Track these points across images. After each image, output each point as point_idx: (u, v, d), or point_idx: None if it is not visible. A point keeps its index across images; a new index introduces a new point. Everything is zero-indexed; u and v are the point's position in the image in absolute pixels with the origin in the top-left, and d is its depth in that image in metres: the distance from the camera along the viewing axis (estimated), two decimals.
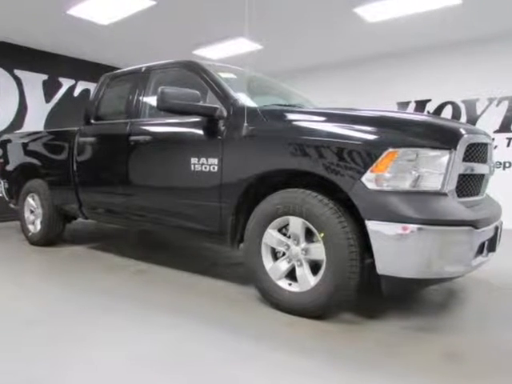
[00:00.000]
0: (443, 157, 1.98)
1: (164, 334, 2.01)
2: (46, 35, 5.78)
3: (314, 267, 2.21)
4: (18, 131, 5.73)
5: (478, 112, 5.89)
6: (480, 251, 2.11)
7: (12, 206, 4.59)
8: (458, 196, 2.09)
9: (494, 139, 3.32)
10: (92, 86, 6.66)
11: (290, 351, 1.86)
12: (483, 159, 2.31)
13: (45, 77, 6.67)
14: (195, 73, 2.93)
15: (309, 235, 2.23)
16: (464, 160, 2.09)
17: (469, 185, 2.21)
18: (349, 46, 6.18)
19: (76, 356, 1.78)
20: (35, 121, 6.53)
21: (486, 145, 2.34)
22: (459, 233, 1.96)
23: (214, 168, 2.57)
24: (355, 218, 2.08)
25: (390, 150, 1.96)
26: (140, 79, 3.35)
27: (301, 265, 2.25)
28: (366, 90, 6.77)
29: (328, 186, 2.17)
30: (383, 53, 6.45)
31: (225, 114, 2.61)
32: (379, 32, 5.44)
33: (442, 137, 2.05)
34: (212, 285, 2.84)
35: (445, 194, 2.00)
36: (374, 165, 1.97)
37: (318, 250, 2.15)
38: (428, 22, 5.03)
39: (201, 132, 2.71)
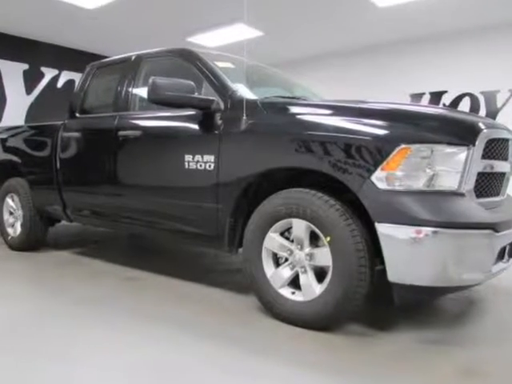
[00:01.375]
0: (460, 154, 1.98)
1: (155, 348, 2.01)
2: (26, 20, 5.78)
3: (320, 274, 2.21)
4: None
5: (499, 105, 5.89)
6: (501, 256, 2.11)
7: None
8: (477, 196, 2.09)
9: None
10: (77, 77, 6.68)
11: (292, 366, 1.85)
12: (504, 156, 2.31)
13: (25, 66, 6.68)
14: (189, 62, 2.93)
15: (314, 239, 2.23)
16: (483, 157, 2.09)
17: (488, 184, 2.21)
18: (357, 33, 6.19)
19: (55, 373, 1.77)
20: (15, 114, 6.54)
21: (507, 141, 2.34)
22: (478, 236, 1.96)
23: (210, 166, 2.57)
24: (364, 220, 2.08)
25: (403, 146, 1.96)
26: (129, 69, 3.35)
27: (305, 271, 2.24)
28: (376, 81, 6.78)
29: (335, 186, 2.17)
30: (395, 40, 6.46)
31: (222, 106, 2.61)
32: (390, 18, 5.45)
33: (459, 132, 2.05)
34: (208, 293, 2.84)
35: (462, 195, 2.00)
36: (385, 162, 1.97)
37: (324, 256, 2.15)
38: (444, 6, 5.03)
39: (196, 126, 2.71)
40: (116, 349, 2.00)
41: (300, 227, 2.23)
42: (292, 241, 2.30)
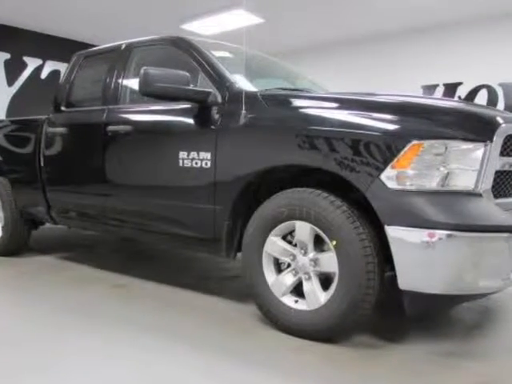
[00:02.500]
0: (477, 150, 1.98)
1: (145, 360, 2.01)
2: (7, 6, 5.78)
3: (325, 281, 2.21)
4: None
5: None
6: None
7: None
8: (495, 197, 2.09)
9: None
10: (62, 67, 6.68)
11: (293, 380, 1.85)
12: None
13: (7, 56, 6.68)
14: (184, 51, 2.93)
15: (318, 243, 2.23)
16: (502, 154, 2.08)
17: (507, 184, 2.20)
18: (365, 20, 6.18)
19: None
20: None
21: None
22: (496, 240, 1.96)
23: (206, 164, 2.57)
24: (373, 223, 2.08)
25: (414, 142, 1.95)
26: (119, 58, 3.35)
27: (309, 278, 2.24)
28: (386, 72, 6.77)
29: (341, 186, 2.17)
30: (406, 28, 6.45)
31: (219, 99, 2.61)
32: (401, 3, 5.45)
33: (475, 127, 2.05)
34: (204, 301, 2.84)
35: (479, 195, 2.00)
36: (395, 160, 1.97)
37: (330, 261, 2.14)
38: None
39: (191, 121, 2.71)
40: (102, 360, 1.99)
41: (303, 230, 2.23)
42: (295, 245, 2.30)
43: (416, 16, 5.97)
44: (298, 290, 2.30)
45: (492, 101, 6.08)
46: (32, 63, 6.94)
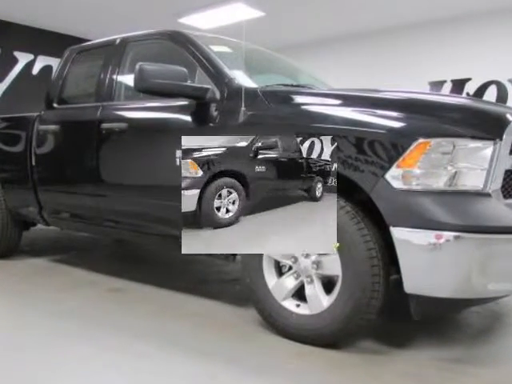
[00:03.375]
0: (486, 149, 1.98)
1: (139, 367, 2.01)
2: None
3: (328, 284, 2.21)
4: None
5: None
6: None
7: None
8: (505, 197, 2.09)
9: None
10: (55, 62, 6.68)
11: None
12: None
13: None
14: (181, 46, 2.93)
15: None
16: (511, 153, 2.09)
17: None
18: (368, 14, 6.19)
19: None
20: None
21: None
22: (506, 242, 1.96)
23: None
24: (378, 224, 2.09)
25: (421, 140, 1.96)
26: (114, 53, 3.35)
27: (311, 281, 2.25)
28: (391, 68, 6.78)
29: (344, 185, 2.17)
30: (411, 22, 6.45)
31: (218, 96, 2.62)
32: None
33: (484, 124, 2.05)
34: (201, 305, 2.84)
35: (488, 195, 2.00)
36: (401, 158, 1.97)
37: (333, 264, 2.15)
38: None
39: (188, 118, 2.71)
40: (96, 368, 1.99)
41: None
42: None
43: (423, 10, 5.97)
44: (299, 294, 2.30)
45: (501, 97, 6.07)
46: (23, 58, 6.95)
